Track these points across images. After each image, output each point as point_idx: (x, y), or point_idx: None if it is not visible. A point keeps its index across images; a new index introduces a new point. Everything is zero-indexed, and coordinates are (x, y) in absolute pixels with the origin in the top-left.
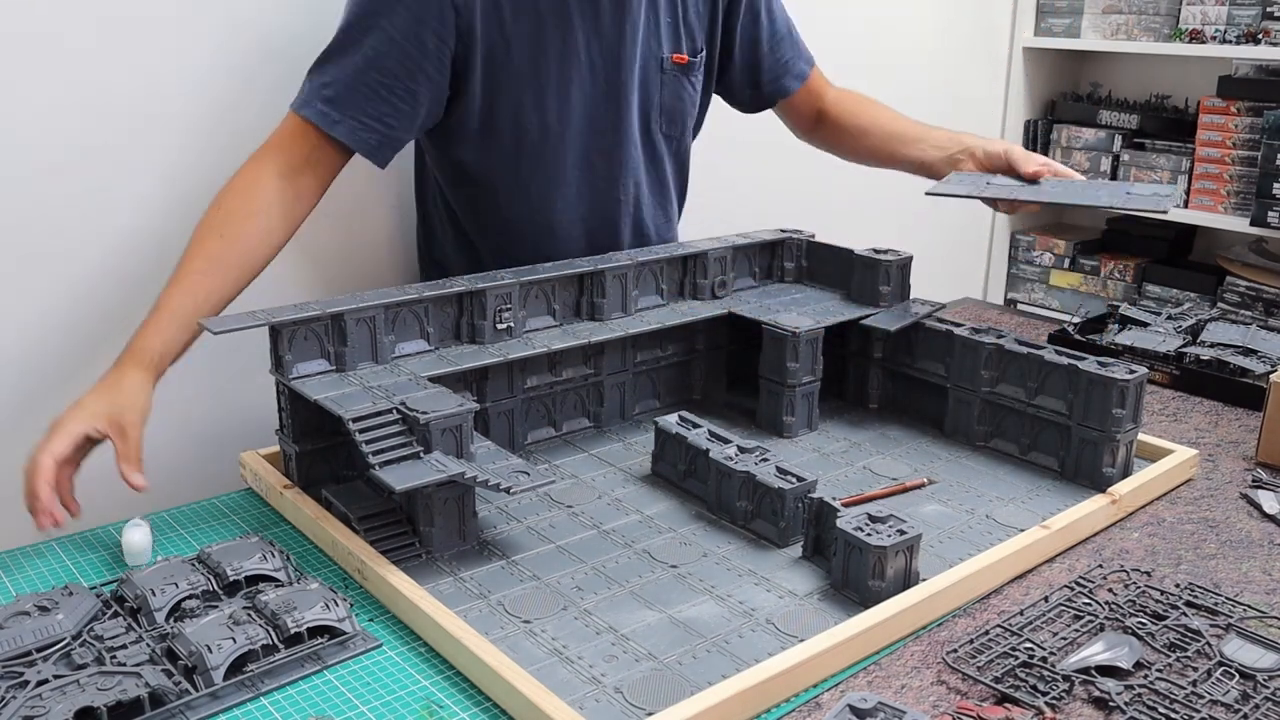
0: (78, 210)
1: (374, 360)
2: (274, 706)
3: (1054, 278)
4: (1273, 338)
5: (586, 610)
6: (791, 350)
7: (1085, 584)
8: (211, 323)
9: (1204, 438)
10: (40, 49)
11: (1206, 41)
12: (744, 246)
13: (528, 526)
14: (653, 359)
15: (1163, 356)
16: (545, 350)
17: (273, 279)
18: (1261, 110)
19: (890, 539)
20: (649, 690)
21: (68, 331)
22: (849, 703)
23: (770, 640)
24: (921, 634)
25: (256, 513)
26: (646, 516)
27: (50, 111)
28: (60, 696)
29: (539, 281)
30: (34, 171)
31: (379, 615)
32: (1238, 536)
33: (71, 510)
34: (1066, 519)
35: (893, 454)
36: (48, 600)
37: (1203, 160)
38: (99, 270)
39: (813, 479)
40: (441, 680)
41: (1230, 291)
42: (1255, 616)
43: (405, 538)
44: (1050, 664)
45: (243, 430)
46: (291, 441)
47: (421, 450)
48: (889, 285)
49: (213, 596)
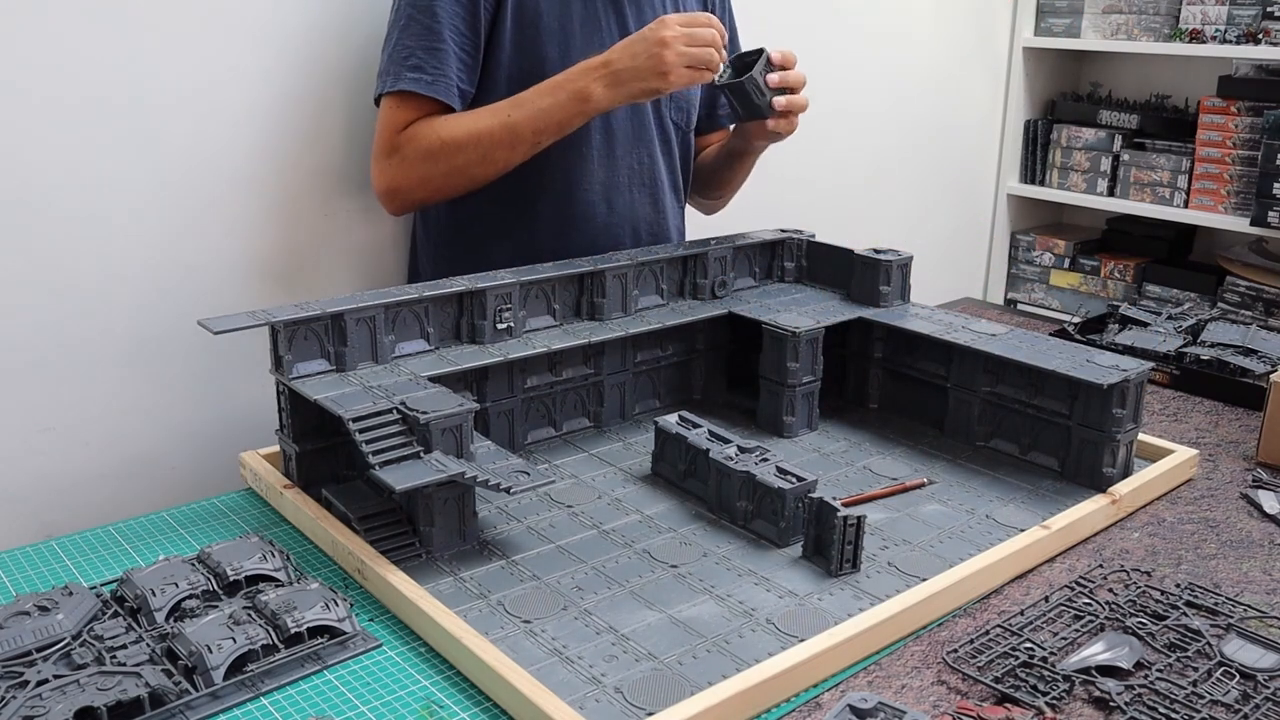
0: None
1: (374, 360)
2: (274, 706)
3: (1054, 278)
4: (1273, 338)
5: (586, 610)
6: (791, 350)
7: (1085, 584)
8: (212, 323)
9: (1204, 438)
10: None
11: (1206, 41)
12: (744, 246)
13: (528, 526)
14: (653, 359)
15: (1163, 356)
16: (545, 350)
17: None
18: (1261, 110)
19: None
20: (649, 690)
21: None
22: (849, 703)
23: (770, 640)
24: (921, 634)
25: (256, 513)
26: (646, 516)
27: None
28: (60, 696)
29: (539, 281)
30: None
31: (379, 615)
32: (1238, 536)
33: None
34: (1066, 519)
35: (893, 454)
36: (48, 600)
37: (1203, 160)
38: (99, 272)
39: (813, 479)
40: (441, 680)
41: (1230, 291)
42: (1255, 616)
43: (405, 538)
44: (1050, 664)
45: (243, 430)
46: (291, 441)
47: (421, 450)
48: (889, 285)
49: (213, 596)
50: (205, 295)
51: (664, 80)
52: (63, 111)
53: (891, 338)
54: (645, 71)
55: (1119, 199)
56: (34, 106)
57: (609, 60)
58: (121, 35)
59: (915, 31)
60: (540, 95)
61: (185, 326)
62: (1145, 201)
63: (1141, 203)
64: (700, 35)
